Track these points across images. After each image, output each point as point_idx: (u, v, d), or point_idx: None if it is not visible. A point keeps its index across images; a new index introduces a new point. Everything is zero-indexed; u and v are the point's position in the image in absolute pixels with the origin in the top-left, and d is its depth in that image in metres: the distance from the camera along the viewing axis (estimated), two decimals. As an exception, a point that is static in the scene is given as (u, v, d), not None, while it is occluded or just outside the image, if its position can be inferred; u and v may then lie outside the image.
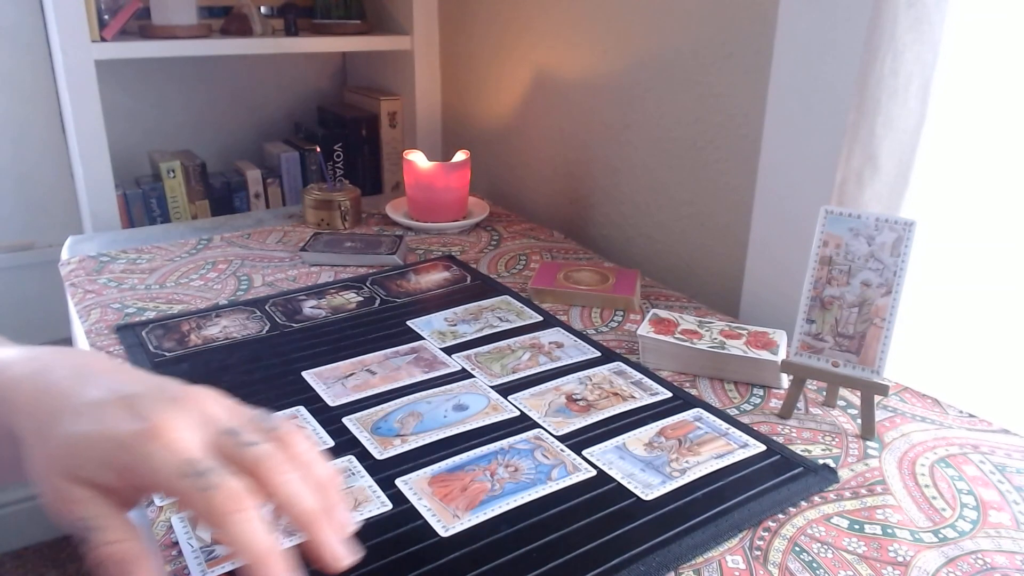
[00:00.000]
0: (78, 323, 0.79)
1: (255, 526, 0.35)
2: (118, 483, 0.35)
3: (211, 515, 0.34)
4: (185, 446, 0.35)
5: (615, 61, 1.01)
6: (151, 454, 0.35)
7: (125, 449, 0.35)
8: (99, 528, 0.35)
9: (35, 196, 1.40)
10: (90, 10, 1.08)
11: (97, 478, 0.35)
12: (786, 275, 0.81)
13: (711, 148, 0.90)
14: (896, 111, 0.71)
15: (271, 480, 0.36)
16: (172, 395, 0.38)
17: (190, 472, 0.34)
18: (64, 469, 0.35)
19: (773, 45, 0.78)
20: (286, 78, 1.57)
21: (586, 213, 1.12)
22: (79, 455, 0.35)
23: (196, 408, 0.37)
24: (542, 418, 0.62)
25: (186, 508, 0.36)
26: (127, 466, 0.35)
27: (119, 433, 0.35)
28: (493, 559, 0.47)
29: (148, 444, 0.35)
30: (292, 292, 0.86)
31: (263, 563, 0.34)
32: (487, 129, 1.31)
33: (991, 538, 0.50)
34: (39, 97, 1.35)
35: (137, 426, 0.35)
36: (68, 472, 0.35)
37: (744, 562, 0.48)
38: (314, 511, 0.37)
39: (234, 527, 0.34)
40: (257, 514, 0.35)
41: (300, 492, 0.37)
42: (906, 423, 0.63)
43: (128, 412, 0.36)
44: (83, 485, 0.35)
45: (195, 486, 0.34)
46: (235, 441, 0.37)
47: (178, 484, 0.34)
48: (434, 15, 1.36)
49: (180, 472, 0.34)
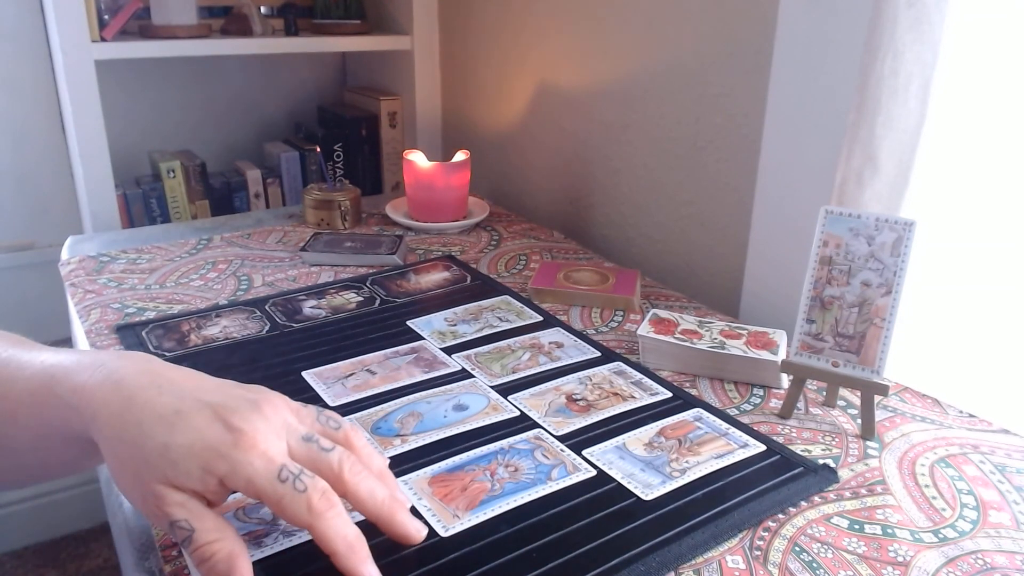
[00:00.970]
0: (78, 323, 0.79)
1: (345, 519, 0.41)
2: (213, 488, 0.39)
3: (307, 514, 0.39)
4: (277, 453, 0.40)
5: (615, 61, 1.01)
6: (249, 462, 0.39)
7: (223, 458, 0.39)
8: (198, 528, 0.39)
9: (35, 196, 1.40)
10: (90, 10, 1.08)
11: (195, 484, 0.39)
12: (786, 275, 0.81)
13: (711, 148, 0.90)
14: (896, 111, 0.71)
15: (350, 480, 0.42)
16: (253, 403, 0.41)
17: (286, 477, 0.39)
18: (162, 476, 0.39)
19: (773, 45, 0.78)
20: (286, 78, 1.57)
21: (586, 213, 1.12)
22: (178, 464, 0.39)
23: (276, 415, 0.42)
24: (542, 418, 0.62)
25: (280, 509, 0.40)
26: (226, 474, 0.39)
27: (216, 443, 0.39)
28: (493, 559, 0.47)
29: (245, 453, 0.39)
30: (292, 292, 0.86)
31: (353, 551, 0.40)
32: (487, 129, 1.31)
33: (991, 538, 0.50)
34: (39, 97, 1.35)
35: (231, 436, 0.39)
36: (165, 479, 0.39)
37: (744, 562, 0.48)
38: (386, 501, 0.43)
39: (328, 523, 0.40)
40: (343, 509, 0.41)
41: (374, 487, 0.43)
42: (906, 423, 0.63)
43: (219, 422, 0.40)
44: (178, 490, 0.39)
45: (292, 489, 0.39)
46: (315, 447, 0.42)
47: (275, 488, 0.39)
48: (434, 15, 1.36)
49: (276, 477, 0.39)
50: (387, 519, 0.43)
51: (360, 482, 0.42)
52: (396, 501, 0.44)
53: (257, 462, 0.39)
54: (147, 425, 0.40)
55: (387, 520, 0.43)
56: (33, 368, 0.44)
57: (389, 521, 0.43)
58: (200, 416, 0.40)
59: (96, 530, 1.59)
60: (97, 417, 0.41)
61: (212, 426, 0.40)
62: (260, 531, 0.49)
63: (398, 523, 0.43)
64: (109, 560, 1.52)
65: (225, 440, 0.39)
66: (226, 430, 0.40)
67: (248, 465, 0.39)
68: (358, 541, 0.41)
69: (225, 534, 0.40)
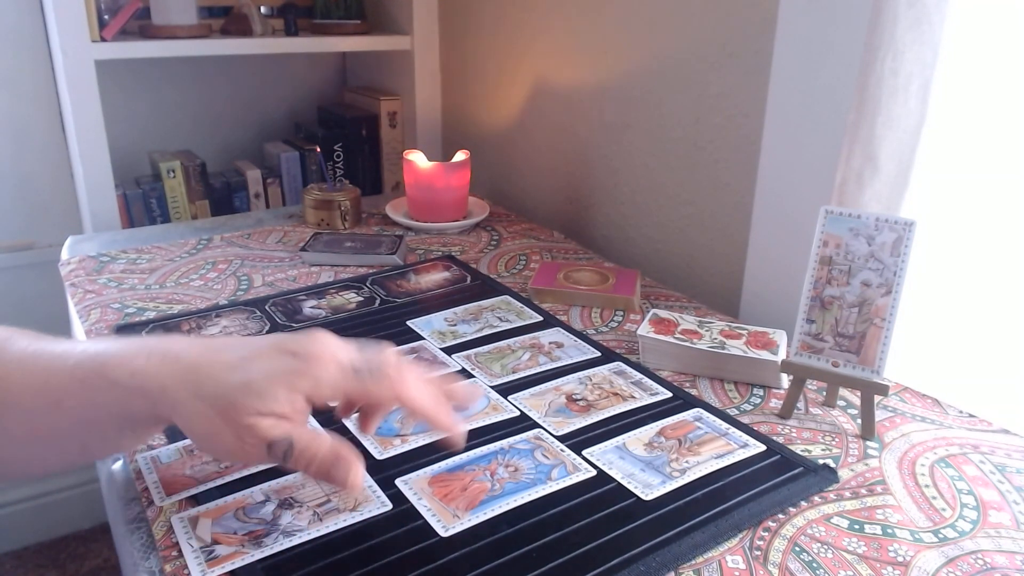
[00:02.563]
0: (78, 323, 0.79)
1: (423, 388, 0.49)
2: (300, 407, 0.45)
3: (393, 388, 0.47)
4: (344, 358, 0.46)
5: (615, 61, 1.01)
6: (326, 370, 0.45)
7: (303, 376, 0.45)
8: (296, 438, 0.44)
9: (35, 196, 1.40)
10: (90, 10, 1.08)
11: (283, 407, 0.44)
12: (786, 275, 0.81)
13: (711, 148, 0.90)
14: (896, 111, 0.71)
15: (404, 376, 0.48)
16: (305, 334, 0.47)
17: (360, 370, 0.46)
18: (251, 408, 0.43)
19: (773, 45, 0.78)
20: (286, 78, 1.57)
21: (586, 213, 1.12)
22: (264, 393, 0.44)
23: (326, 337, 0.47)
24: (542, 418, 0.62)
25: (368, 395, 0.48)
26: (311, 388, 0.45)
27: (291, 367, 0.45)
28: (493, 559, 0.47)
29: (319, 366, 0.45)
30: (292, 292, 0.86)
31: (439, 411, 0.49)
32: (487, 129, 1.31)
33: (991, 538, 0.50)
34: (39, 97, 1.35)
35: (300, 359, 0.45)
36: (254, 410, 0.43)
37: (744, 562, 0.48)
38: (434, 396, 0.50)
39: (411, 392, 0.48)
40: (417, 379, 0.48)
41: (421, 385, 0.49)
42: (906, 423, 0.63)
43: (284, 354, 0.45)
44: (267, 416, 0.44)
45: (370, 376, 0.46)
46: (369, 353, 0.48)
47: (357, 381, 0.46)
48: (434, 15, 1.36)
49: (354, 373, 0.46)
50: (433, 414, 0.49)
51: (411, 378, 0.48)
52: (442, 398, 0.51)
53: (332, 368, 0.45)
54: (221, 376, 0.44)
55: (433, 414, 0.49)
56: (76, 357, 0.47)
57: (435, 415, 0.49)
58: (266, 354, 0.45)
59: (96, 530, 1.59)
60: (167, 390, 0.45)
61: (281, 357, 0.45)
62: (260, 531, 0.49)
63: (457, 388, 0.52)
64: (109, 560, 1.52)
65: (297, 363, 0.45)
66: (294, 356, 0.45)
67: (327, 374, 0.45)
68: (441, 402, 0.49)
69: (320, 435, 0.45)
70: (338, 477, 0.45)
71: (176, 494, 0.52)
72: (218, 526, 0.49)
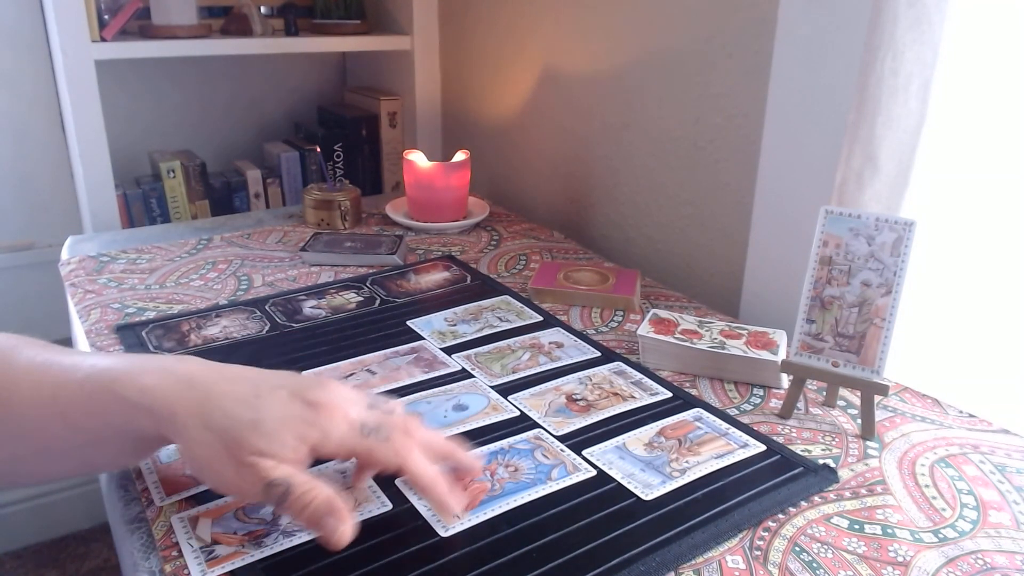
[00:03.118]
0: (78, 323, 0.79)
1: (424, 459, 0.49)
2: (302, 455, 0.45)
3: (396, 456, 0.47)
4: (355, 414, 0.47)
5: (615, 61, 1.01)
6: (336, 426, 0.46)
7: (312, 427, 0.45)
8: (294, 483, 0.44)
9: (35, 196, 1.40)
10: (90, 10, 1.08)
11: (287, 453, 0.44)
12: (786, 275, 0.81)
13: (711, 148, 0.90)
14: (896, 111, 0.71)
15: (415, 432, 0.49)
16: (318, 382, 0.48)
17: (368, 432, 0.47)
18: (254, 448, 0.44)
19: (773, 45, 0.78)
20: (286, 78, 1.57)
21: (586, 213, 1.12)
22: (272, 436, 0.44)
23: (339, 389, 0.48)
24: (542, 418, 0.62)
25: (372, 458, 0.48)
26: (318, 439, 0.45)
27: (302, 416, 0.45)
28: (493, 559, 0.47)
29: (330, 420, 0.46)
30: (292, 292, 0.85)
31: (437, 483, 0.48)
32: (487, 129, 1.31)
33: (991, 538, 0.50)
34: (39, 97, 1.35)
35: (313, 408, 0.46)
36: (258, 450, 0.44)
37: (744, 562, 0.48)
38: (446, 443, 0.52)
39: (413, 461, 0.48)
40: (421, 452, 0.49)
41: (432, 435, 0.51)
42: (906, 423, 0.63)
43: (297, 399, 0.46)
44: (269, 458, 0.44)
45: (377, 439, 0.47)
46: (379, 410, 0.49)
47: (363, 441, 0.47)
48: (434, 15, 1.36)
49: (361, 433, 0.46)
50: (451, 454, 0.52)
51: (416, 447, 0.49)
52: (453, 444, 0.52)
53: (342, 424, 0.46)
54: (231, 410, 0.45)
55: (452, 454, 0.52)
56: (85, 371, 0.46)
57: (454, 455, 0.52)
58: (278, 396, 0.46)
59: (96, 530, 1.59)
60: (177, 414, 0.45)
61: (293, 403, 0.46)
62: (260, 531, 0.49)
63: (461, 456, 0.52)
64: (109, 560, 1.52)
65: (308, 413, 0.45)
66: (306, 405, 0.46)
67: (336, 429, 0.46)
68: (439, 475, 0.49)
69: (318, 483, 0.45)
70: (327, 529, 0.44)
71: (176, 494, 0.52)
72: (218, 526, 0.49)
